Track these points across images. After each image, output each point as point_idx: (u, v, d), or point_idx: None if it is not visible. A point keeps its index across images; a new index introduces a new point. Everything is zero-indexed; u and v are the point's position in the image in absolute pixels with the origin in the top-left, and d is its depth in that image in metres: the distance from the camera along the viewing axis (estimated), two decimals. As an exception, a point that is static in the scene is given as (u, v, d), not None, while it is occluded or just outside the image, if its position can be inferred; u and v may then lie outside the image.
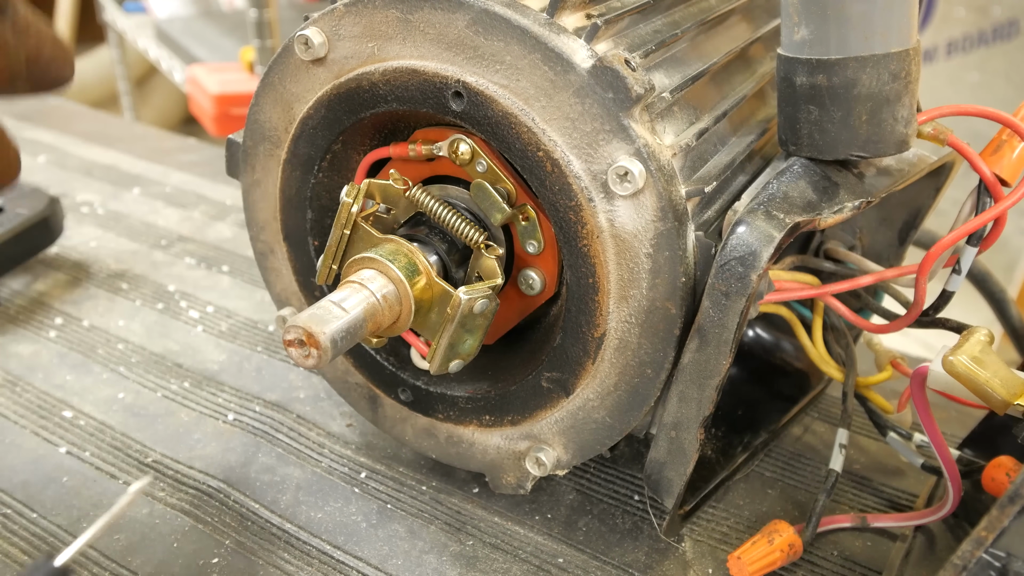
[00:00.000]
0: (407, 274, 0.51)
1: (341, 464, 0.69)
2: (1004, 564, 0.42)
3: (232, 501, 0.65)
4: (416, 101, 0.52)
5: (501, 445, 0.60)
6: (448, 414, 0.62)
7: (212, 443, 0.71)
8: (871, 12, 0.47)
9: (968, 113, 0.53)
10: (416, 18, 0.51)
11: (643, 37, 0.55)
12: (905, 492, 0.66)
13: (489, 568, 0.59)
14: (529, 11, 0.49)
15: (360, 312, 0.49)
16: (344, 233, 0.55)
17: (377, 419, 0.66)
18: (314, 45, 0.54)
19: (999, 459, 0.56)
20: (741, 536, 0.61)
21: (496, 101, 0.49)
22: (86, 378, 0.80)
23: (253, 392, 0.78)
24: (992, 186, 0.52)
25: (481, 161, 0.53)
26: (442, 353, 0.53)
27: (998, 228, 0.52)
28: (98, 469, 0.68)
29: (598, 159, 0.48)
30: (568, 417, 0.56)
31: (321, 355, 0.46)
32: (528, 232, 0.55)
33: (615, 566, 0.59)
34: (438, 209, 0.55)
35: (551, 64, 0.48)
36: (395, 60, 0.52)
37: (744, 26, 0.66)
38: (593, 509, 0.64)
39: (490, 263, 0.55)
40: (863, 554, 0.60)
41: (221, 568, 0.59)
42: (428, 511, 0.64)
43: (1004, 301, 0.80)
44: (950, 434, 0.70)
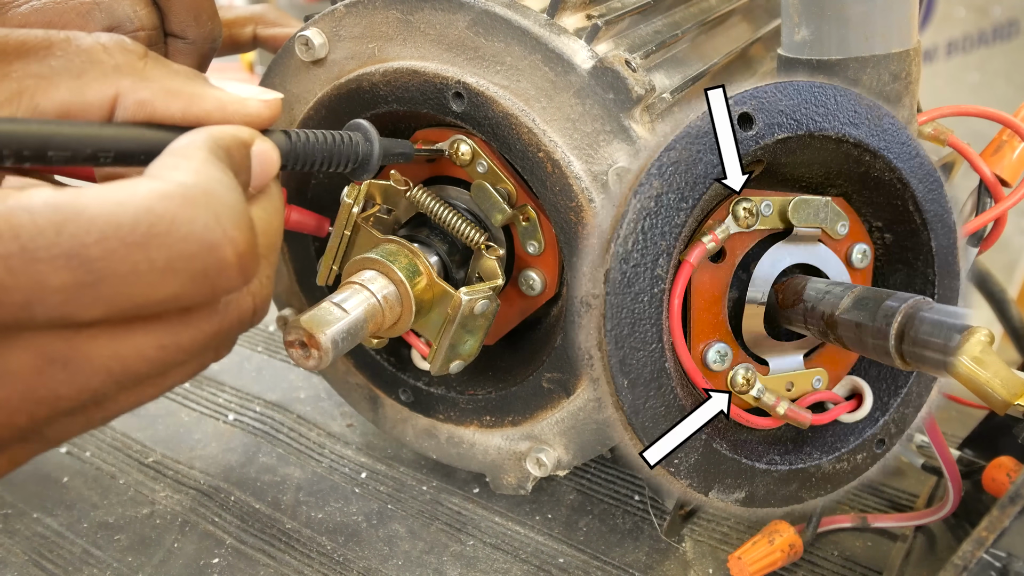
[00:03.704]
0: (408, 275, 0.51)
1: (341, 464, 0.69)
2: (1005, 564, 0.42)
3: (232, 501, 0.65)
4: (417, 102, 0.52)
5: (502, 446, 0.60)
6: (449, 415, 0.62)
7: (212, 443, 0.71)
8: (871, 13, 0.47)
9: (968, 113, 0.53)
10: (417, 19, 0.51)
11: (644, 38, 0.55)
12: (905, 492, 0.66)
13: (489, 568, 0.59)
14: (530, 12, 0.49)
15: (361, 313, 0.49)
16: (345, 234, 0.55)
17: (378, 420, 0.66)
18: (314, 46, 0.54)
19: (999, 459, 0.56)
20: (742, 536, 0.61)
21: (497, 102, 0.49)
22: (86, 378, 0.79)
23: (253, 392, 0.78)
24: (992, 186, 0.52)
25: (482, 162, 0.53)
26: (443, 354, 0.53)
27: (998, 228, 0.52)
28: (98, 469, 0.68)
29: (599, 160, 0.48)
30: (569, 418, 0.56)
31: (322, 356, 0.46)
32: (529, 233, 0.55)
33: (616, 566, 0.59)
34: (439, 210, 0.55)
35: (552, 65, 0.48)
36: (396, 61, 0.52)
37: (744, 26, 0.66)
38: (594, 509, 0.64)
39: (491, 264, 0.55)
40: (863, 554, 0.60)
41: (221, 568, 0.59)
42: (428, 511, 0.64)
43: (1004, 301, 0.80)
44: (950, 434, 0.70)
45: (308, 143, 0.42)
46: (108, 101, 0.34)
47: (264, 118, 0.38)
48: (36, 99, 0.33)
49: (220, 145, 0.34)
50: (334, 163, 0.44)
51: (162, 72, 0.36)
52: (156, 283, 0.28)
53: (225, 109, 0.37)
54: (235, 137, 0.35)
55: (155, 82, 0.35)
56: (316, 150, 0.42)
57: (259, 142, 0.37)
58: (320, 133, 0.43)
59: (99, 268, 0.27)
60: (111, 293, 0.28)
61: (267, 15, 0.70)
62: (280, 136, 0.40)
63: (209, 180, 0.30)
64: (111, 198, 0.28)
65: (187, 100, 0.36)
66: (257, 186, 0.37)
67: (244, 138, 0.36)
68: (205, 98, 0.36)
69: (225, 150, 0.34)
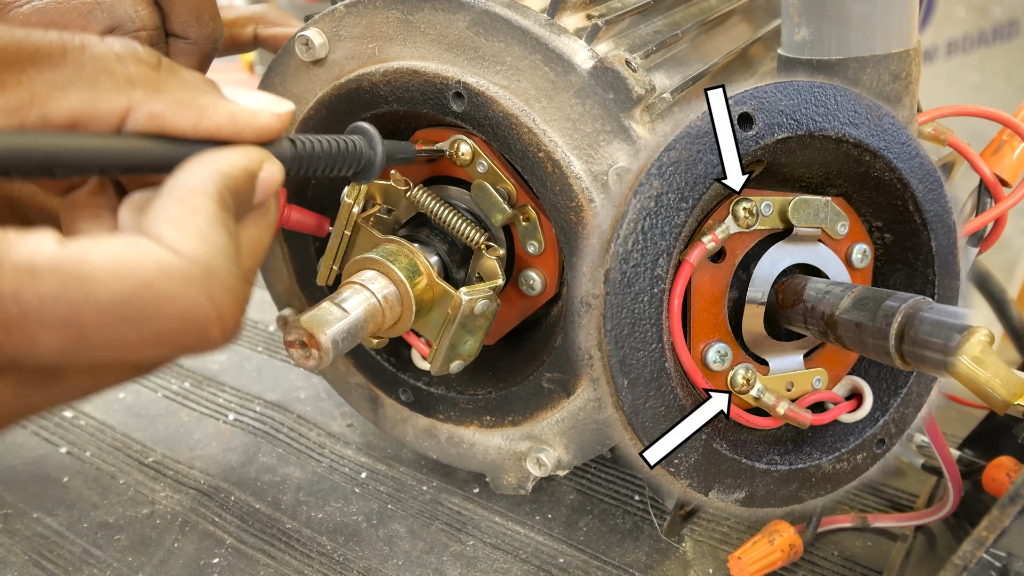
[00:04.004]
0: (408, 275, 0.51)
1: (342, 464, 0.69)
2: (1005, 564, 0.42)
3: (232, 501, 0.65)
4: (417, 102, 0.52)
5: (502, 445, 0.60)
6: (449, 415, 0.62)
7: (212, 443, 0.71)
8: (871, 13, 0.47)
9: (968, 113, 0.53)
10: (417, 19, 0.51)
11: (644, 38, 0.55)
12: (905, 492, 0.66)
13: (489, 568, 0.59)
14: (530, 12, 0.49)
15: (361, 313, 0.49)
16: (345, 234, 0.55)
17: (378, 419, 0.66)
18: (315, 46, 0.54)
19: (999, 459, 0.56)
20: (742, 536, 0.61)
21: (497, 102, 0.49)
22: (87, 378, 0.79)
23: (254, 392, 0.78)
24: (992, 186, 0.52)
25: (482, 162, 0.53)
26: (443, 354, 0.53)
27: (998, 228, 0.52)
28: (99, 469, 0.68)
29: (599, 160, 0.48)
30: (569, 418, 0.56)
31: (322, 356, 0.47)
32: (529, 233, 0.55)
33: (616, 566, 0.59)
34: (439, 210, 0.55)
35: (552, 65, 0.48)
36: (396, 61, 0.52)
37: (744, 26, 0.66)
38: (594, 509, 0.64)
39: (491, 264, 0.55)
40: (864, 554, 0.60)
41: (221, 568, 0.59)
42: (428, 511, 0.64)
43: (1004, 301, 0.80)
44: (950, 434, 0.70)
45: (313, 150, 0.42)
46: (119, 113, 0.34)
47: (274, 131, 0.38)
48: (46, 108, 0.33)
49: (228, 187, 0.34)
50: (337, 168, 0.44)
51: (175, 83, 0.36)
52: (140, 350, 0.30)
53: (236, 123, 0.37)
54: (245, 171, 0.35)
55: (167, 94, 0.35)
56: (320, 156, 0.42)
57: (267, 167, 0.37)
58: (325, 139, 0.43)
59: (90, 336, 0.28)
60: (98, 356, 0.29)
61: (267, 15, 0.70)
62: (286, 144, 0.40)
63: (211, 252, 0.31)
64: (114, 268, 0.29)
65: (198, 112, 0.36)
66: (256, 203, 0.37)
67: (253, 169, 0.36)
68: (217, 110, 0.36)
69: (233, 192, 0.34)
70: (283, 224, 0.58)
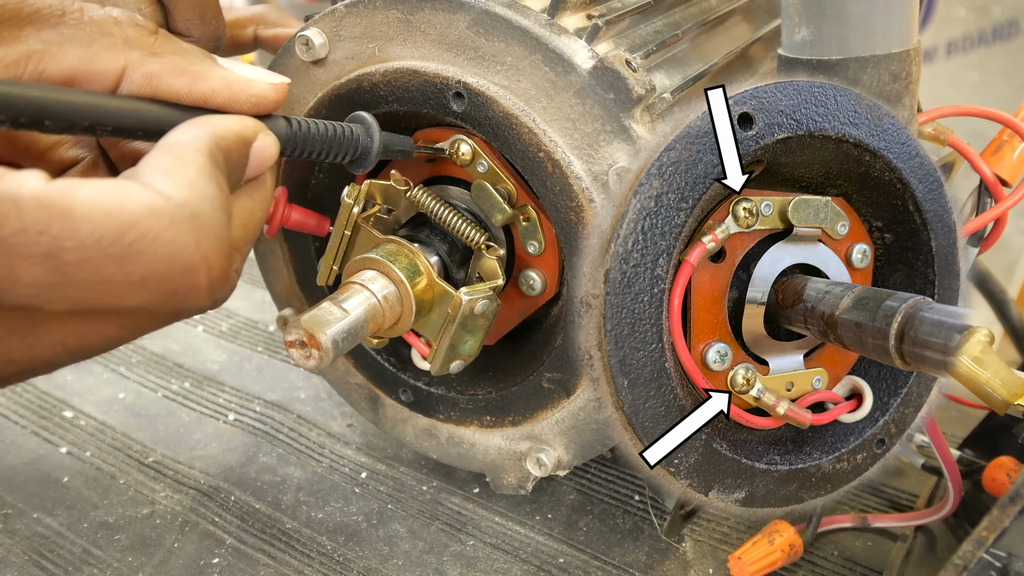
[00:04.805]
0: (408, 275, 0.51)
1: (342, 464, 0.69)
2: (1005, 564, 0.42)
3: (232, 501, 0.65)
4: (417, 102, 0.52)
5: (502, 445, 0.60)
6: (449, 415, 0.62)
7: (213, 443, 0.71)
8: (871, 13, 0.47)
9: (968, 113, 0.53)
10: (417, 19, 0.51)
11: (644, 38, 0.55)
12: (905, 492, 0.66)
13: (489, 568, 0.59)
14: (530, 12, 0.49)
15: (361, 313, 0.49)
16: (345, 234, 0.55)
17: (378, 420, 0.66)
18: (315, 46, 0.54)
19: (999, 459, 0.56)
20: (742, 536, 0.61)
21: (497, 102, 0.49)
22: (87, 378, 0.80)
23: (254, 392, 0.78)
24: (993, 186, 0.52)
25: (482, 162, 0.53)
26: (443, 354, 0.53)
27: (998, 228, 0.52)
28: (99, 469, 0.68)
29: (599, 159, 0.48)
30: (569, 418, 0.56)
31: (322, 356, 0.47)
32: (529, 233, 0.55)
33: (616, 566, 0.59)
34: (439, 210, 0.55)
35: (552, 65, 0.48)
36: (396, 61, 0.52)
37: (745, 26, 0.66)
38: (594, 509, 0.64)
39: (491, 264, 0.55)
40: (864, 554, 0.60)
41: (221, 568, 0.59)
42: (429, 511, 0.64)
43: (1004, 301, 0.80)
44: (950, 434, 0.70)
45: (308, 131, 0.42)
46: (115, 72, 0.34)
47: (270, 101, 0.38)
48: (43, 64, 0.33)
49: (221, 147, 0.33)
50: (333, 153, 0.44)
51: (171, 48, 0.36)
52: (124, 294, 0.29)
53: (231, 88, 0.37)
54: (238, 136, 0.35)
55: (163, 57, 0.35)
56: (316, 139, 0.42)
57: (261, 137, 0.37)
58: (321, 123, 0.43)
59: (72, 272, 0.28)
60: (79, 295, 0.28)
61: (268, 15, 0.70)
62: (281, 122, 0.40)
63: (200, 199, 0.31)
64: (99, 205, 0.28)
65: (193, 77, 0.36)
66: (250, 175, 0.37)
67: (247, 136, 0.36)
68: (212, 76, 0.36)
69: (225, 153, 0.34)
70: (283, 224, 0.58)
